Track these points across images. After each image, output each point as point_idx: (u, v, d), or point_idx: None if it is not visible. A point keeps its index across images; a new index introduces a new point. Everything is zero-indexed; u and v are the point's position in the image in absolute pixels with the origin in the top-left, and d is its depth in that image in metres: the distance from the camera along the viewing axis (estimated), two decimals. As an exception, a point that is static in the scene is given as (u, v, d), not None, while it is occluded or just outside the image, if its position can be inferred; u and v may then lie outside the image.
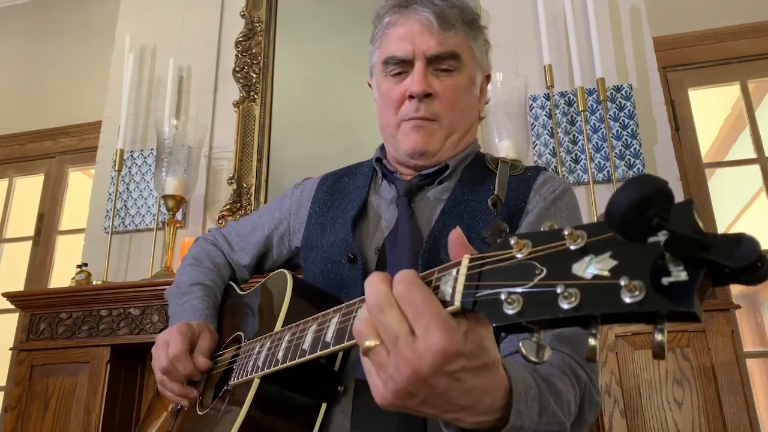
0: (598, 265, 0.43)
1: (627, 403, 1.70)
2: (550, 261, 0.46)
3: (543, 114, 2.27)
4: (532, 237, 0.49)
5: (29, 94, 3.70)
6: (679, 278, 0.39)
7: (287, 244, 1.20)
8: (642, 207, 0.38)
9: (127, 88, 2.61)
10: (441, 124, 1.03)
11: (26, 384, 2.14)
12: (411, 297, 0.51)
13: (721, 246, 0.38)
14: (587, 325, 0.44)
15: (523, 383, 0.63)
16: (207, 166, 2.56)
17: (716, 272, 0.39)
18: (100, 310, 2.16)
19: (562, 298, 0.43)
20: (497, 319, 0.47)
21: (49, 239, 3.37)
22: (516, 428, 0.60)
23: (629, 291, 0.40)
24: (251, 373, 0.86)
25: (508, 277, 0.48)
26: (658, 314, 0.40)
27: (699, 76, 2.73)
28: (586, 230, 0.45)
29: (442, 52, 1.01)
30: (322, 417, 0.86)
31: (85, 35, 3.66)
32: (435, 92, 1.01)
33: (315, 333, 0.74)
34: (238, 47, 2.68)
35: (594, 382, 0.83)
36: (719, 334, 1.70)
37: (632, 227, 0.39)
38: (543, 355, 0.47)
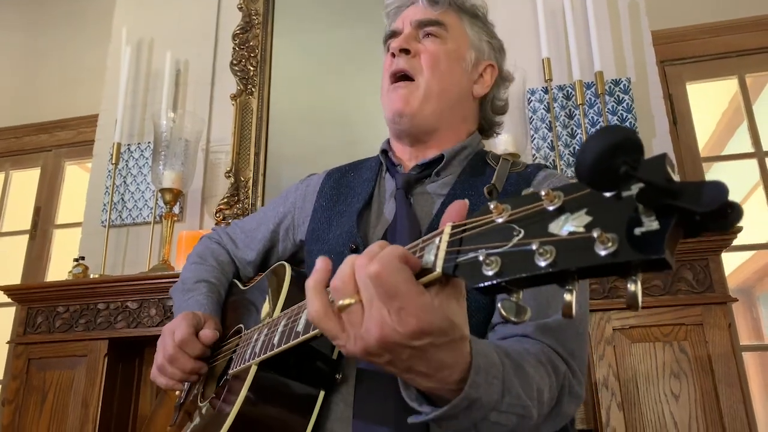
0: (574, 222, 0.44)
1: (624, 396, 1.70)
2: (528, 222, 0.47)
3: (541, 108, 2.27)
4: (512, 201, 0.49)
5: (25, 87, 3.68)
6: (650, 228, 0.39)
7: (292, 238, 1.20)
8: (609, 155, 0.39)
9: (124, 81, 2.60)
10: (418, 83, 1.05)
11: (23, 377, 2.13)
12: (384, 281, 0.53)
13: (689, 193, 0.38)
14: (564, 281, 0.45)
15: (486, 359, 0.64)
16: (204, 159, 2.56)
17: (687, 220, 0.39)
18: (97, 304, 2.15)
19: (537, 256, 0.44)
20: (476, 280, 0.48)
21: (45, 233, 3.37)
22: (470, 399, 0.61)
23: (602, 243, 0.41)
24: (248, 360, 0.87)
25: (488, 240, 0.49)
26: (631, 264, 0.40)
27: (697, 70, 2.73)
28: (563, 190, 0.46)
29: (426, 18, 1.08)
30: (320, 405, 0.87)
31: (82, 28, 3.64)
32: (416, 51, 1.06)
33: None
34: (235, 40, 2.66)
35: (576, 375, 0.82)
36: (716, 327, 1.71)
37: (601, 176, 0.40)
38: (523, 315, 0.48)
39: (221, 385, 0.95)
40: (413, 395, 0.65)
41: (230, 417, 0.82)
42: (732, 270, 3.08)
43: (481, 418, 0.64)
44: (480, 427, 0.66)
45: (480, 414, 0.64)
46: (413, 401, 0.65)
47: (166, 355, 0.98)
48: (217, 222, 2.41)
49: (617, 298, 1.77)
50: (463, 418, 0.64)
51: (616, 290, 1.78)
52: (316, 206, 1.16)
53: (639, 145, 0.39)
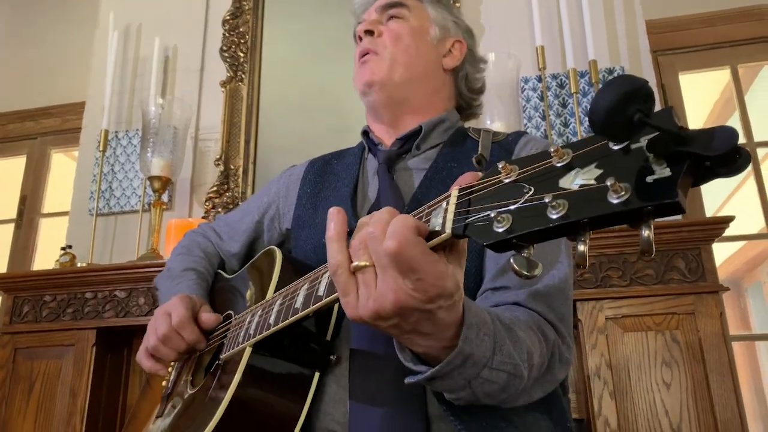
0: (584, 176, 0.44)
1: (616, 384, 1.70)
2: (537, 180, 0.48)
3: (535, 96, 2.25)
4: (519, 161, 0.50)
5: (10, 73, 3.62)
6: (662, 174, 0.40)
7: (277, 227, 1.19)
8: (624, 103, 0.40)
9: (112, 68, 2.55)
10: (383, 56, 1.08)
11: (10, 367, 2.10)
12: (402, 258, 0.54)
13: (700, 139, 0.39)
14: (576, 232, 0.45)
15: (477, 317, 0.65)
16: (193, 147, 2.52)
17: (698, 166, 0.40)
18: (85, 293, 2.13)
19: (550, 209, 0.45)
20: (487, 238, 0.49)
21: (31, 222, 3.32)
22: (464, 354, 0.63)
23: (615, 192, 0.41)
24: (242, 342, 0.85)
25: (498, 199, 0.50)
26: (644, 211, 0.41)
27: (689, 60, 2.73)
28: (571, 147, 0.46)
29: (389, 1, 1.13)
30: (315, 386, 0.86)
31: (68, 13, 3.58)
32: (380, 33, 1.10)
33: (307, 290, 0.74)
34: (225, 26, 2.63)
35: (566, 341, 0.84)
36: (708, 317, 1.71)
37: (615, 124, 0.41)
38: (534, 269, 0.48)
39: (213, 371, 0.93)
40: (408, 356, 0.67)
41: (224, 401, 0.80)
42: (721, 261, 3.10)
43: (474, 375, 0.66)
44: (473, 384, 0.67)
45: (473, 371, 0.65)
46: (408, 362, 0.67)
47: (160, 335, 0.95)
48: (206, 210, 2.38)
49: (610, 287, 1.77)
50: (457, 376, 0.65)
51: (609, 279, 1.77)
52: (300, 193, 1.15)
53: (651, 94, 0.40)
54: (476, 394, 0.68)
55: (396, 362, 0.81)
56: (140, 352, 1.00)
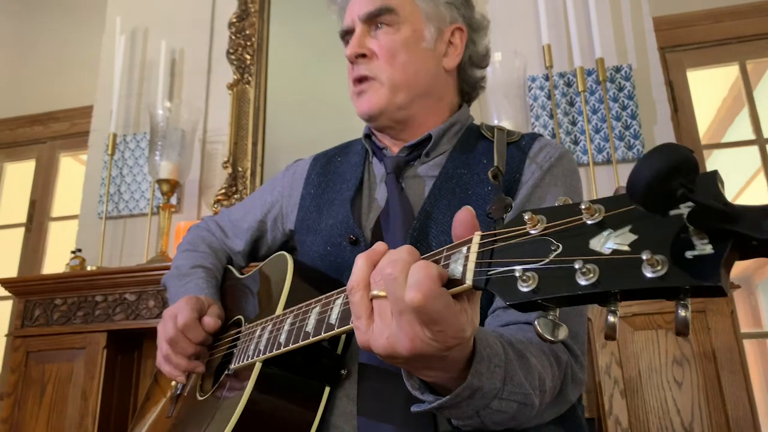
0: (617, 239, 0.42)
1: (627, 383, 1.70)
2: (566, 236, 0.45)
3: (542, 95, 2.25)
4: (547, 212, 0.47)
5: (19, 78, 3.64)
6: (704, 251, 0.37)
7: (281, 227, 1.17)
8: (668, 177, 0.37)
9: (119, 71, 2.57)
10: (381, 81, 1.01)
11: (22, 370, 2.11)
12: (428, 311, 0.52)
13: (748, 217, 0.36)
14: (605, 301, 0.43)
15: (489, 348, 0.64)
16: (201, 149, 2.53)
17: (743, 245, 0.37)
18: (95, 296, 2.14)
19: (579, 274, 0.42)
20: (511, 297, 0.46)
21: (41, 225, 3.34)
22: (473, 388, 0.62)
23: (651, 266, 0.39)
24: (252, 356, 0.85)
25: (522, 254, 0.47)
26: (681, 289, 0.38)
27: (698, 57, 2.71)
28: (603, 204, 0.44)
29: (372, 10, 1.02)
30: (325, 400, 0.85)
31: (75, 18, 3.60)
32: (372, 52, 1.02)
33: (319, 315, 0.73)
34: (231, 28, 2.63)
35: (579, 360, 0.82)
36: (719, 314, 1.70)
37: (656, 198, 0.38)
38: (558, 333, 0.46)
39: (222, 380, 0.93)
40: (416, 384, 0.65)
41: (236, 413, 0.80)
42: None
43: (483, 406, 0.65)
44: (482, 414, 0.66)
45: (482, 402, 0.64)
46: (416, 390, 0.65)
47: (167, 337, 0.95)
48: (214, 213, 2.38)
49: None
50: (465, 407, 0.64)
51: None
52: (303, 193, 1.13)
53: (697, 166, 0.37)
54: (484, 422, 0.67)
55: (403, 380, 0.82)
56: (158, 358, 1.00)
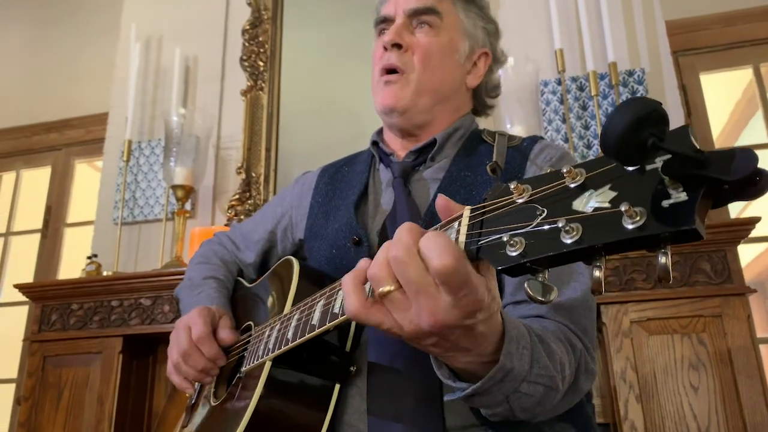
0: (598, 198, 0.43)
1: (642, 388, 1.69)
2: (550, 201, 0.47)
3: (555, 99, 2.25)
4: (532, 181, 0.49)
5: (35, 86, 3.69)
6: (678, 199, 0.39)
7: (291, 237, 1.19)
8: (637, 128, 0.39)
9: (134, 78, 2.59)
10: (409, 79, 1.02)
11: (39, 375, 2.14)
12: (458, 276, 0.52)
13: (718, 162, 0.38)
14: (590, 257, 0.44)
15: (516, 330, 0.65)
16: (215, 155, 2.55)
17: (716, 190, 0.39)
18: (111, 301, 2.16)
19: (564, 233, 0.44)
20: (501, 262, 0.48)
21: (57, 231, 3.37)
22: (505, 370, 0.63)
23: (630, 217, 0.40)
24: (262, 356, 0.86)
25: (510, 221, 0.49)
26: (660, 237, 0.40)
27: (711, 60, 2.70)
28: (584, 167, 0.45)
29: (420, 7, 1.04)
30: (336, 398, 0.86)
31: (90, 26, 3.64)
32: (409, 46, 1.03)
33: (323, 307, 0.74)
34: (244, 35, 2.66)
35: (590, 351, 0.83)
36: (735, 319, 1.69)
37: (628, 149, 0.39)
38: (549, 294, 0.47)
39: (234, 384, 0.94)
40: (446, 373, 0.66)
41: (247, 414, 0.81)
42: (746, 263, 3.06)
43: (512, 390, 0.65)
44: (511, 399, 0.67)
45: (512, 386, 0.65)
46: (447, 379, 0.66)
47: (180, 350, 0.97)
48: (228, 218, 2.40)
49: (634, 290, 1.75)
50: (496, 391, 0.64)
51: (633, 282, 1.76)
52: (312, 203, 1.16)
53: (665, 117, 0.39)
54: (513, 408, 0.68)
55: (415, 379, 0.82)
56: (168, 368, 1.01)
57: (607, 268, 1.77)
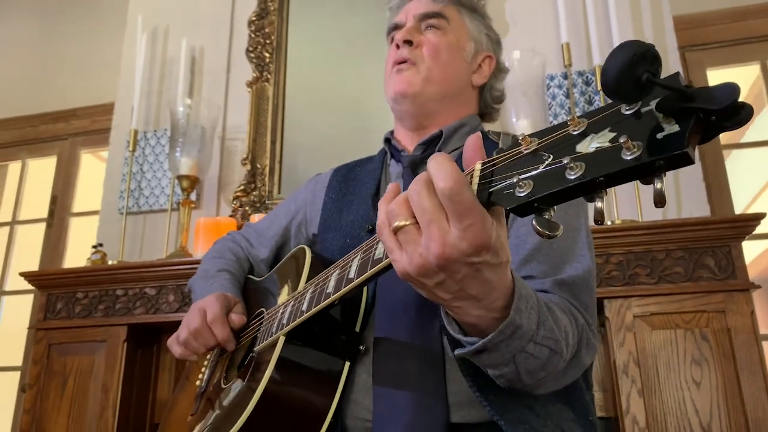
0: (599, 140, 0.47)
1: (645, 383, 1.69)
2: (556, 147, 0.50)
3: (561, 93, 2.24)
4: (538, 133, 0.53)
5: (41, 76, 3.69)
6: (672, 130, 0.43)
7: (305, 233, 1.23)
8: (633, 65, 0.43)
9: (140, 69, 2.60)
10: (420, 68, 1.10)
11: (44, 362, 2.15)
12: (461, 198, 0.54)
13: (704, 95, 0.42)
14: (593, 191, 0.48)
15: (525, 289, 0.67)
16: (221, 146, 2.56)
17: (704, 121, 0.43)
18: (116, 290, 2.17)
19: (568, 170, 0.47)
20: (510, 202, 0.52)
21: (62, 221, 3.39)
22: (514, 325, 0.65)
23: (628, 149, 0.44)
24: (276, 331, 0.89)
25: (519, 168, 0.52)
26: (656, 164, 0.44)
27: (718, 56, 2.69)
28: (586, 116, 0.49)
29: (429, 11, 1.14)
30: (345, 375, 0.88)
31: (97, 17, 3.65)
32: (418, 42, 1.11)
33: (338, 275, 0.77)
34: (251, 27, 2.66)
35: (591, 327, 0.85)
36: (738, 314, 1.69)
37: (626, 85, 0.44)
38: (556, 230, 0.50)
39: (247, 363, 0.96)
40: (456, 329, 0.68)
41: (259, 389, 0.82)
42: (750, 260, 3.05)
43: (519, 349, 0.67)
44: (518, 359, 0.68)
45: (520, 344, 0.67)
46: (458, 334, 0.68)
47: (192, 329, 0.99)
48: (233, 209, 2.41)
49: (638, 285, 1.75)
50: (504, 348, 0.66)
51: (637, 277, 1.76)
52: (326, 199, 1.20)
53: (658, 57, 0.44)
54: (519, 370, 0.70)
55: (417, 348, 0.85)
56: (171, 339, 1.04)
57: (611, 263, 1.78)
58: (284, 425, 0.85)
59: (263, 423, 0.83)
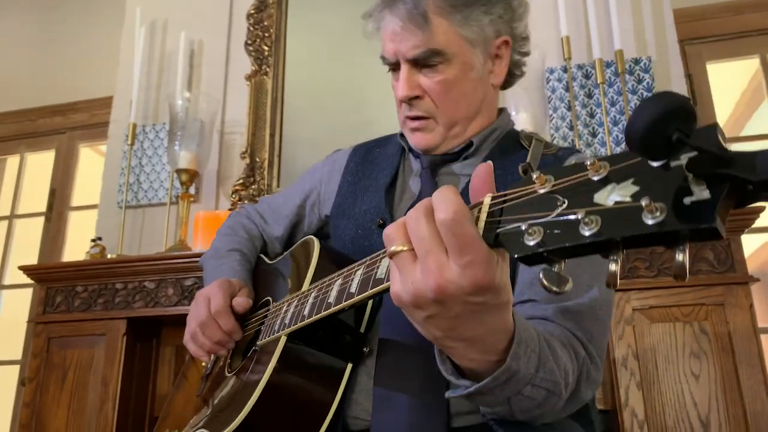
0: (620, 192, 0.43)
1: (643, 375, 1.70)
2: (572, 192, 0.46)
3: (560, 87, 2.24)
4: (555, 171, 0.48)
5: (39, 69, 3.68)
6: (701, 197, 0.38)
7: (318, 213, 1.21)
8: (663, 122, 0.38)
9: (139, 62, 2.59)
10: (437, 120, 1.02)
11: (44, 356, 2.15)
12: (461, 231, 0.51)
13: (743, 161, 0.37)
14: (608, 250, 0.44)
15: (527, 332, 0.64)
16: (219, 140, 2.55)
17: (739, 189, 0.38)
18: (115, 284, 2.17)
19: (582, 225, 0.43)
20: (518, 250, 0.48)
21: (61, 215, 3.38)
22: (511, 372, 0.61)
23: (650, 212, 0.40)
24: (278, 331, 0.88)
25: (530, 210, 0.48)
26: (679, 234, 0.39)
27: (718, 49, 2.69)
28: (608, 160, 0.45)
29: (419, 54, 0.97)
30: (347, 377, 0.88)
31: (95, 10, 3.63)
32: (423, 91, 1.00)
33: (340, 286, 0.76)
34: (249, 20, 2.65)
35: (594, 360, 0.81)
36: (737, 307, 1.69)
37: (653, 143, 0.39)
38: (564, 285, 0.47)
39: (249, 356, 0.96)
40: (449, 369, 0.65)
41: (259, 387, 0.82)
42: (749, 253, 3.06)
43: (515, 392, 0.64)
44: (512, 401, 0.66)
45: (516, 388, 0.64)
46: (450, 375, 0.65)
47: (199, 321, 0.99)
48: (233, 203, 2.41)
49: (637, 278, 1.75)
50: (499, 392, 0.63)
51: (636, 270, 1.76)
52: (342, 182, 1.17)
53: (693, 113, 0.38)
54: (513, 409, 0.67)
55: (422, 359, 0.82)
56: (185, 336, 1.04)
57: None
58: (284, 423, 0.85)
59: (262, 420, 0.83)
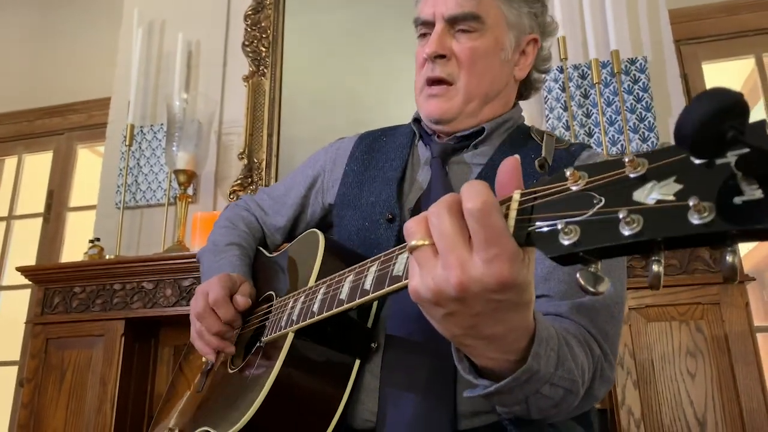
0: (661, 190, 0.41)
1: (640, 374, 1.70)
2: (608, 190, 0.44)
3: (556, 87, 2.25)
4: (589, 168, 0.46)
5: (37, 70, 3.68)
6: (753, 197, 0.36)
7: (321, 201, 1.18)
8: (718, 119, 0.36)
9: (136, 63, 2.59)
10: (457, 88, 1.00)
11: (42, 357, 2.15)
12: (489, 222, 0.48)
13: None
14: (649, 251, 0.42)
15: (546, 330, 0.63)
16: (217, 141, 2.56)
17: None
18: (113, 284, 2.17)
19: (623, 224, 0.41)
20: (553, 250, 0.46)
21: (59, 216, 3.38)
22: (531, 371, 0.60)
23: (698, 212, 0.38)
24: (285, 327, 0.86)
25: (564, 208, 0.46)
26: (728, 234, 0.38)
27: (713, 49, 2.70)
28: (647, 157, 0.43)
29: (459, 14, 0.98)
30: (355, 373, 0.86)
31: (93, 11, 3.63)
32: (452, 53, 0.99)
33: (353, 283, 0.74)
34: (247, 21, 2.65)
35: (608, 358, 0.81)
36: (733, 306, 1.70)
37: (706, 141, 0.37)
38: (600, 285, 0.45)
39: (254, 352, 0.95)
40: (467, 368, 0.64)
41: (268, 382, 0.81)
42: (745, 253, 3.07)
43: (534, 391, 0.64)
44: (530, 400, 0.65)
45: (535, 387, 0.63)
46: (468, 374, 0.64)
47: (196, 312, 0.97)
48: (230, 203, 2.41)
49: (633, 277, 1.76)
50: (518, 392, 0.62)
51: (632, 270, 1.77)
52: (347, 170, 1.13)
53: (747, 109, 0.36)
54: (530, 409, 0.67)
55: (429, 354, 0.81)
56: (192, 333, 1.02)
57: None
58: (292, 420, 0.84)
59: (270, 417, 0.82)
